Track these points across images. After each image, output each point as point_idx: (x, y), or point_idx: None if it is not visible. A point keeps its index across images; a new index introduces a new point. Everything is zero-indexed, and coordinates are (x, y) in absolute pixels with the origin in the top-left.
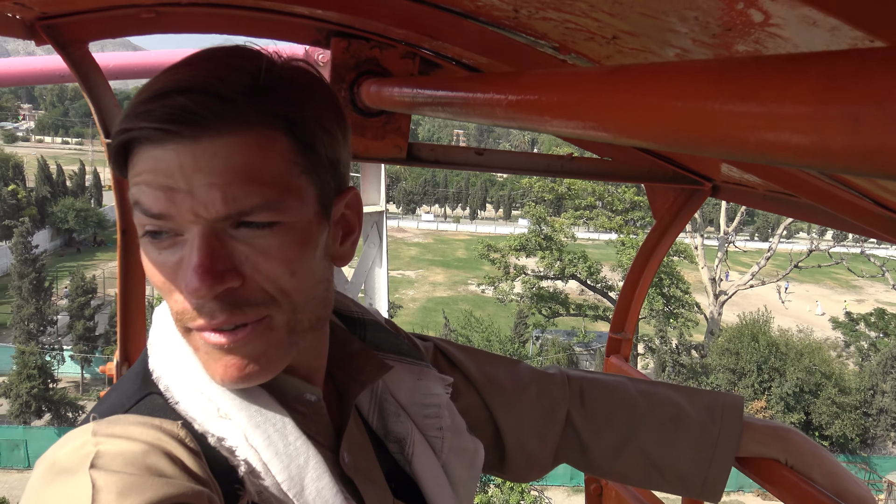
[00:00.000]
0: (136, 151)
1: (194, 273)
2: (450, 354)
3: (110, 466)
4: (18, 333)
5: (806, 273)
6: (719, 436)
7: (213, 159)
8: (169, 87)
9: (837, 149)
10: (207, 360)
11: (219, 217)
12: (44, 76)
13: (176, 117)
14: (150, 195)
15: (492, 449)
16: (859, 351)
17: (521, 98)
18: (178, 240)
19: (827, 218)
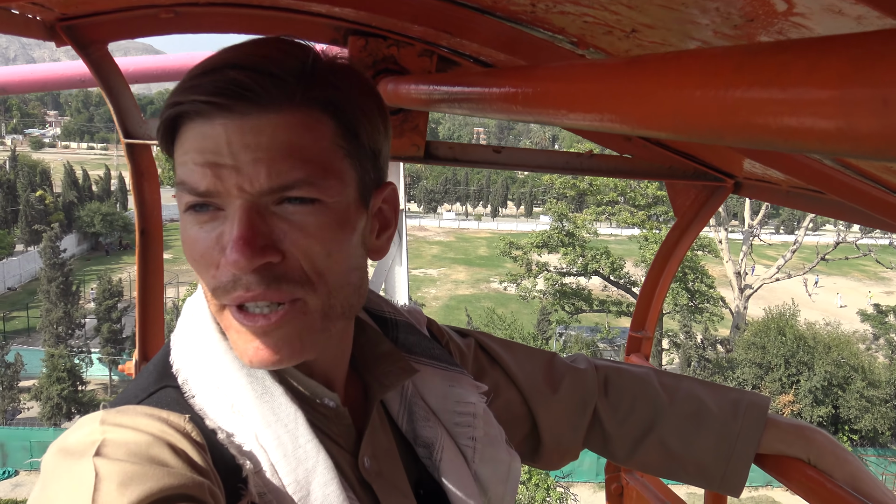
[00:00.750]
0: (184, 128)
1: (235, 245)
2: (490, 350)
3: (114, 455)
4: (48, 337)
5: (833, 265)
6: (740, 432)
7: (259, 135)
8: (220, 63)
9: (865, 133)
10: (238, 340)
11: (262, 191)
12: (65, 81)
13: (226, 91)
14: (197, 173)
15: (527, 442)
16: (889, 343)
17: (538, 91)
18: (219, 214)
19: (852, 213)
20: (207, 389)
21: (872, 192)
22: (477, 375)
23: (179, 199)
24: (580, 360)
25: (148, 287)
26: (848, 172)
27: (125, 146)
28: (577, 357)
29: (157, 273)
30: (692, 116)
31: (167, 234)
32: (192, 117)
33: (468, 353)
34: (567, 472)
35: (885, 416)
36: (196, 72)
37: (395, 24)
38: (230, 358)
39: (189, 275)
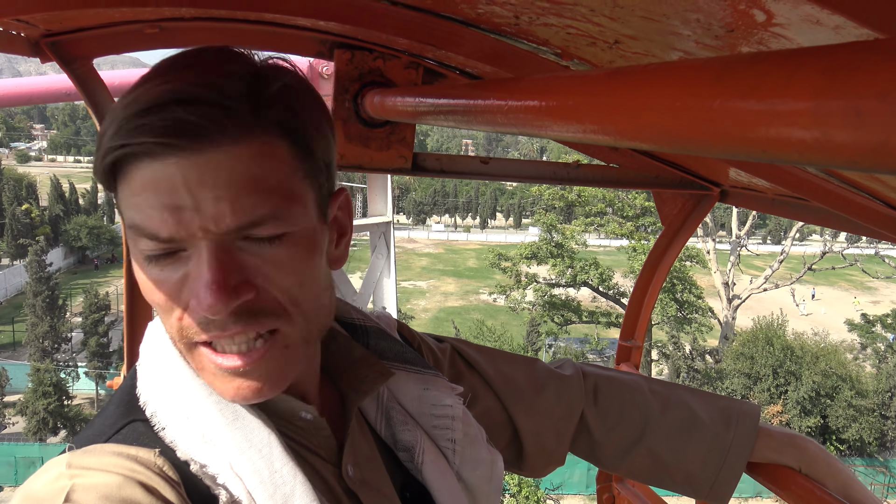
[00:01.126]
0: (131, 168)
1: (209, 290)
2: (467, 356)
3: (85, 501)
4: (33, 351)
5: (820, 275)
6: (732, 442)
7: (217, 171)
8: (164, 97)
9: (840, 144)
10: (215, 380)
11: (229, 230)
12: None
13: (177, 130)
14: (155, 219)
15: (509, 449)
16: (876, 353)
17: (522, 103)
18: (181, 256)
19: (837, 221)
20: (177, 420)
21: (856, 199)
22: (453, 380)
23: (133, 242)
24: (566, 365)
25: (136, 301)
26: (832, 180)
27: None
28: (563, 363)
29: None
30: (673, 127)
31: None
32: (140, 157)
33: (443, 358)
34: (557, 483)
35: (873, 425)
36: (136, 108)
37: (380, 37)
38: (197, 385)
39: None
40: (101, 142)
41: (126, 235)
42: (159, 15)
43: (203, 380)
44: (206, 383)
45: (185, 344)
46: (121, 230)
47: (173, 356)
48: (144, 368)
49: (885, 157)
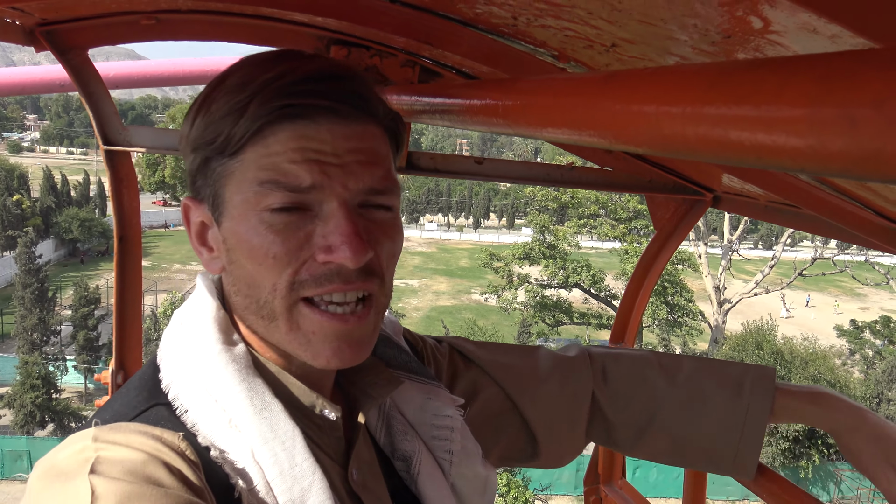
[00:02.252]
0: (280, 128)
1: (349, 241)
2: (465, 351)
3: (110, 473)
4: (22, 344)
5: (810, 281)
6: (748, 410)
7: (360, 140)
8: (332, 71)
9: (834, 152)
10: (314, 340)
11: (363, 189)
12: (45, 85)
13: (348, 99)
14: (299, 169)
15: (520, 440)
16: (864, 359)
17: (517, 104)
18: (306, 214)
19: (829, 229)
20: (202, 404)
21: (848, 207)
22: (453, 378)
23: (260, 196)
24: (571, 348)
25: (126, 295)
26: (824, 188)
27: (104, 153)
28: (568, 346)
29: (136, 281)
30: (667, 132)
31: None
32: (295, 119)
33: (443, 358)
34: (546, 484)
35: None
36: (297, 77)
37: (377, 35)
38: (231, 371)
39: (169, 282)
40: (245, 105)
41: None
42: (156, 6)
43: (291, 345)
44: (296, 347)
45: (290, 301)
46: (112, 223)
47: (209, 340)
48: (169, 352)
49: (879, 165)
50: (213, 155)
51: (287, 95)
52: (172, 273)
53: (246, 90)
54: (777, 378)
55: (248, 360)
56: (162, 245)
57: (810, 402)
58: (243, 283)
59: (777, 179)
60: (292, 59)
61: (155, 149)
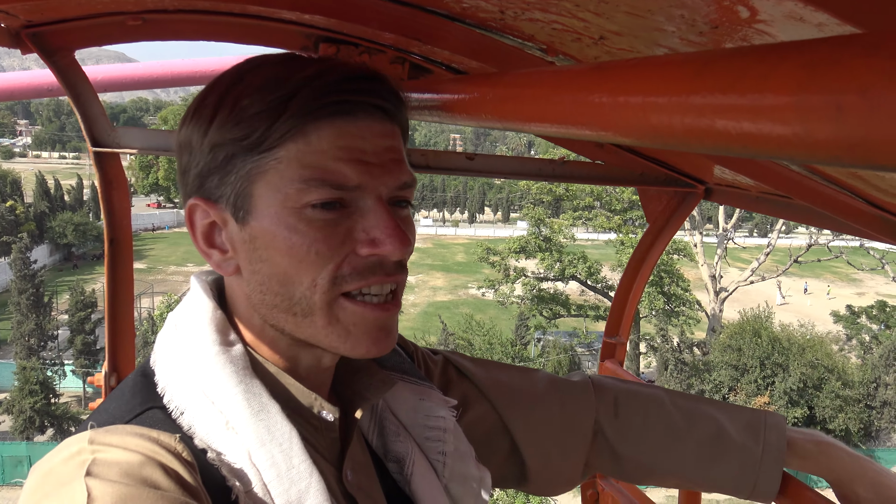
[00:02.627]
0: (323, 125)
1: (394, 234)
2: (459, 365)
3: (106, 476)
4: (19, 349)
5: (806, 267)
6: (762, 456)
7: (392, 139)
8: (370, 71)
9: (821, 139)
10: (354, 332)
11: (397, 186)
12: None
13: (391, 98)
14: (346, 167)
15: (510, 462)
16: (861, 344)
17: (505, 98)
18: (345, 211)
19: (820, 218)
20: (199, 406)
21: (839, 197)
22: (444, 389)
23: (302, 193)
24: (576, 375)
25: (117, 297)
26: (815, 178)
27: (93, 155)
28: (573, 374)
29: (127, 283)
30: (654, 122)
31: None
32: (335, 116)
33: (435, 368)
34: None
35: (859, 415)
36: (339, 76)
37: (365, 32)
38: (228, 373)
39: (164, 285)
40: (286, 102)
41: (273, 194)
42: (142, 6)
43: (328, 338)
44: (334, 340)
45: (331, 296)
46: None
47: (205, 342)
48: (163, 355)
49: (865, 152)
50: (240, 152)
51: (335, 92)
52: (168, 275)
53: (284, 87)
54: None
55: (245, 361)
56: (157, 247)
57: (815, 451)
58: (274, 282)
59: (768, 170)
60: (321, 61)
61: (145, 150)
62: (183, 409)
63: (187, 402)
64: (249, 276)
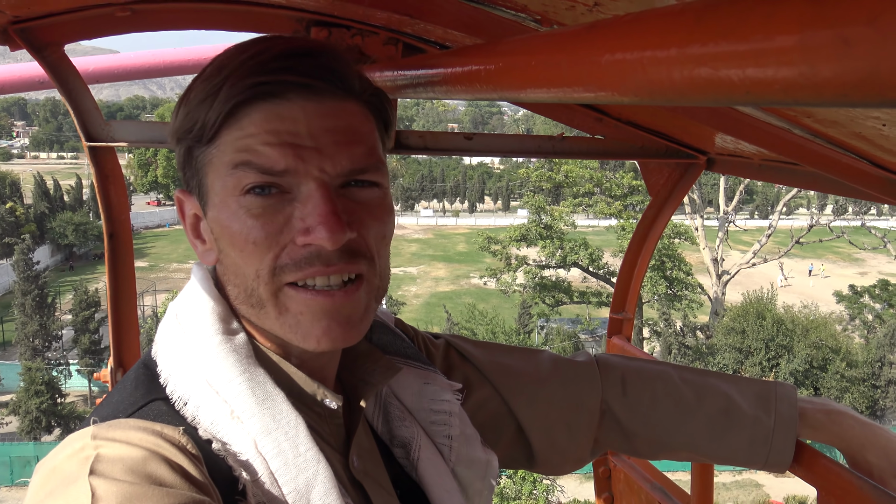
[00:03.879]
0: (253, 109)
1: (326, 222)
2: (461, 349)
3: (110, 473)
4: (24, 350)
5: (808, 248)
6: (774, 427)
7: (337, 120)
8: (305, 47)
9: (827, 78)
10: (302, 321)
11: (341, 173)
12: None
13: (321, 74)
14: (273, 152)
15: (516, 445)
16: (864, 323)
17: (500, 67)
18: (285, 197)
19: (824, 183)
20: (203, 396)
21: (843, 159)
22: (446, 373)
23: (235, 181)
24: (580, 355)
25: (120, 292)
26: (818, 141)
27: (87, 150)
28: (578, 353)
29: (129, 277)
30: (655, 77)
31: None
32: (268, 98)
33: (436, 352)
34: None
35: (864, 394)
36: (270, 55)
37: (357, 12)
38: (232, 361)
39: (167, 282)
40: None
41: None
42: None
43: (282, 330)
44: (287, 331)
45: (274, 287)
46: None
47: (207, 331)
48: (164, 347)
49: (875, 86)
50: (194, 144)
51: (258, 73)
52: (171, 273)
53: (220, 74)
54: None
55: (248, 350)
56: (158, 245)
57: (827, 420)
58: (232, 273)
59: (770, 135)
60: (268, 40)
61: (139, 143)
62: (186, 400)
63: (191, 392)
64: (219, 267)
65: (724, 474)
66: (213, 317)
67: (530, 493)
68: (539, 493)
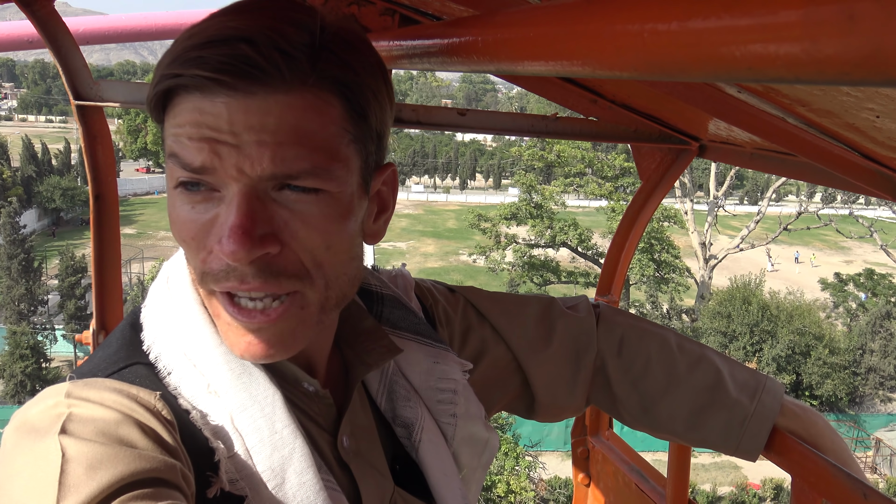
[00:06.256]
0: (180, 100)
1: (232, 234)
2: (479, 306)
3: (81, 434)
4: (9, 314)
5: (795, 235)
6: (753, 413)
7: (266, 117)
8: (226, 33)
9: (831, 54)
10: (229, 332)
11: (264, 176)
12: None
13: (235, 68)
14: (192, 148)
15: (520, 398)
16: (847, 311)
17: (498, 38)
18: (213, 196)
19: (814, 174)
20: (182, 367)
21: (835, 150)
22: (464, 333)
23: (170, 172)
24: (581, 306)
25: (104, 254)
26: (811, 130)
27: (75, 108)
28: (579, 302)
29: (114, 240)
30: (655, 52)
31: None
32: (191, 90)
33: (454, 312)
34: (536, 440)
35: (845, 381)
36: (197, 41)
37: None
38: (209, 333)
39: (154, 250)
40: (157, 70)
41: (167, 174)
42: None
43: (220, 329)
44: (222, 333)
45: (205, 290)
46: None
47: (188, 300)
48: (152, 310)
49: (878, 64)
50: (158, 121)
51: (178, 64)
52: (158, 241)
53: (168, 54)
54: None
55: None
56: (147, 212)
57: (801, 412)
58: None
59: (763, 123)
60: (213, 18)
61: (128, 103)
62: (171, 370)
63: (171, 362)
64: None
65: (703, 456)
66: (195, 286)
67: (512, 469)
68: (521, 470)
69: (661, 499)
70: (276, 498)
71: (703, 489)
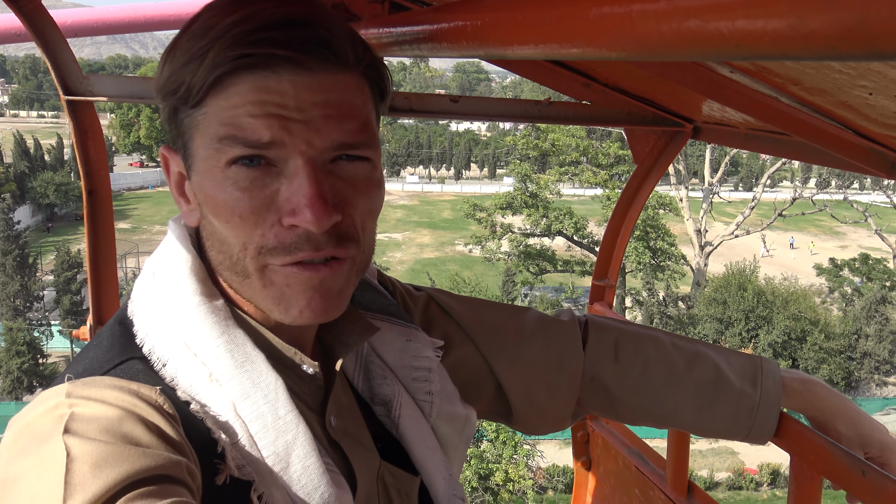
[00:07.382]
0: (239, 80)
1: (312, 204)
2: (443, 303)
3: (85, 433)
4: (5, 310)
5: (790, 221)
6: (760, 403)
7: (328, 93)
8: (284, 17)
9: (815, 29)
10: (288, 294)
11: (331, 146)
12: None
13: (311, 47)
14: (258, 124)
15: (496, 403)
16: (843, 296)
17: (487, 22)
18: (271, 170)
19: (809, 153)
20: (181, 358)
21: (829, 129)
22: (426, 328)
23: (216, 153)
24: (564, 313)
25: (99, 249)
26: (805, 109)
27: (65, 104)
28: (561, 312)
29: (108, 234)
30: (643, 31)
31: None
32: (253, 69)
33: (415, 306)
34: None
35: (841, 366)
36: (256, 24)
37: None
38: (211, 323)
39: (150, 244)
40: (204, 53)
41: (203, 152)
42: None
43: (265, 302)
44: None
45: (260, 263)
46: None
47: (186, 291)
48: (140, 305)
49: (861, 38)
50: (179, 105)
51: (245, 45)
52: (153, 235)
53: (207, 36)
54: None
55: (227, 312)
56: (141, 207)
57: (801, 386)
58: (216, 240)
59: (757, 103)
60: (258, 2)
61: (118, 97)
62: (165, 361)
63: (169, 353)
64: (202, 230)
65: (701, 442)
66: (191, 277)
67: (510, 458)
68: (519, 458)
69: (662, 480)
70: (281, 482)
71: (700, 475)
